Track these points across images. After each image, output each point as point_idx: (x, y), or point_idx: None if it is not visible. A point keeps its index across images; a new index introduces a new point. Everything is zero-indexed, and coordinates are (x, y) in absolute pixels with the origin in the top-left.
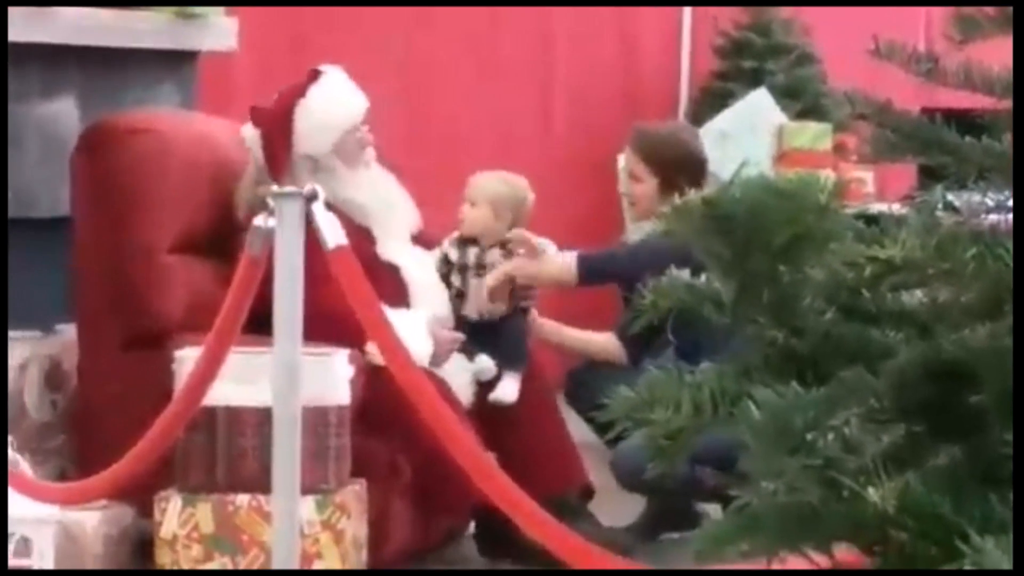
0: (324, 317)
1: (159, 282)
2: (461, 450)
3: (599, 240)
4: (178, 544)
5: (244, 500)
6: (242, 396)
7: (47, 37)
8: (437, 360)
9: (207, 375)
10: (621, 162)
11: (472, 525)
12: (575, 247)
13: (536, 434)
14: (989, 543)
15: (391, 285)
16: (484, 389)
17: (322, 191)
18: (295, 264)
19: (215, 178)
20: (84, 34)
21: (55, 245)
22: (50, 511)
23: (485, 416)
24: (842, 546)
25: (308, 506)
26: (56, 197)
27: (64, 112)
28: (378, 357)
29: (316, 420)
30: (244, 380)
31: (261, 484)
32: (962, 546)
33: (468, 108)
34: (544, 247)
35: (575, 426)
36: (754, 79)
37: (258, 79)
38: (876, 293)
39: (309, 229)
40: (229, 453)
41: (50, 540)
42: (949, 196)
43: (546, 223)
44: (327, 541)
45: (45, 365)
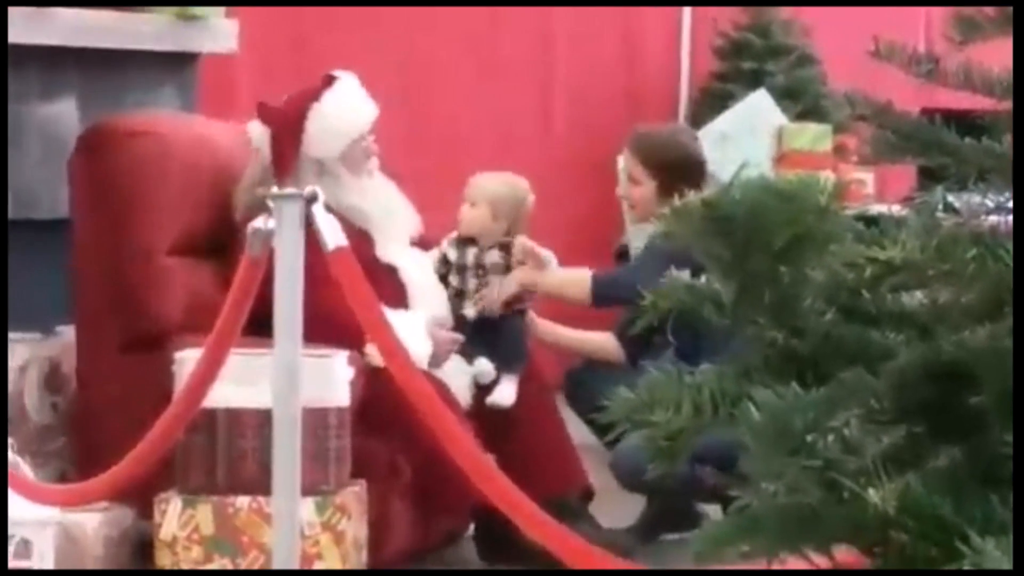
0: (324, 318)
1: (159, 284)
2: (461, 451)
3: (599, 240)
4: (178, 546)
5: (244, 502)
6: (242, 398)
7: (47, 39)
8: (436, 361)
9: (207, 377)
10: (620, 164)
11: (472, 526)
12: (575, 247)
13: (535, 435)
14: (989, 544)
15: (390, 286)
16: (483, 391)
17: (322, 193)
18: (295, 266)
19: (215, 180)
20: (84, 35)
21: (55, 247)
22: (50, 513)
23: (484, 417)
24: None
25: (308, 507)
26: (56, 199)
27: (64, 114)
28: (378, 358)
29: (316, 421)
30: (244, 382)
31: (261, 485)
32: (962, 547)
33: (468, 108)
34: (548, 259)
35: (574, 427)
36: (754, 80)
37: (259, 81)
38: (876, 294)
39: (309, 231)
40: (229, 455)
41: (50, 542)
42: (949, 197)
43: (546, 223)
44: (327, 542)
45: (45, 367)
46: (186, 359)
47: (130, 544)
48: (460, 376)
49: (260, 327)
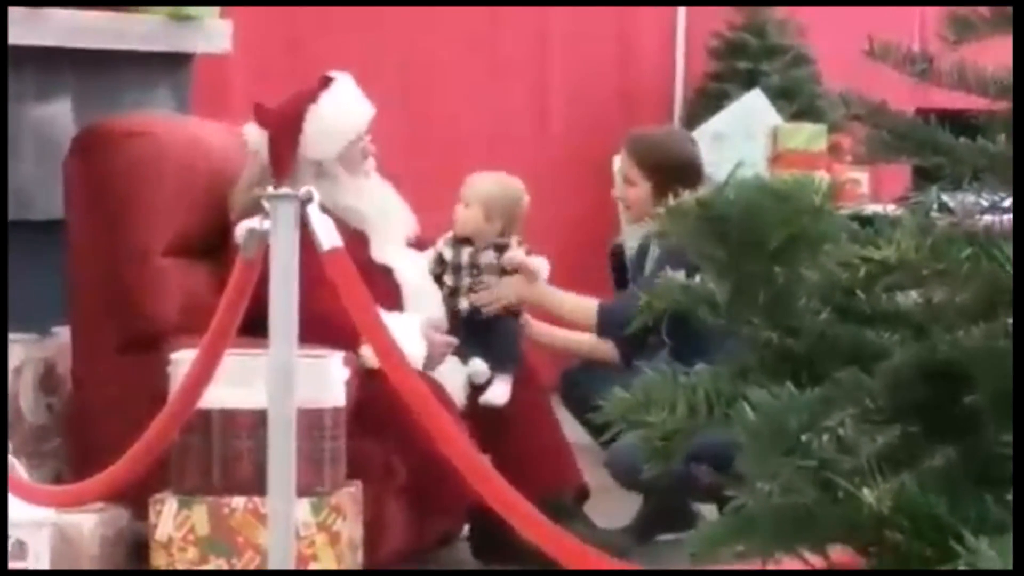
0: (319, 319)
1: (154, 285)
2: (456, 452)
3: (594, 240)
4: (174, 546)
5: (240, 502)
6: (237, 398)
7: (41, 40)
8: (431, 363)
9: (202, 378)
10: (616, 165)
11: (467, 527)
12: (571, 247)
13: (531, 435)
14: (984, 544)
15: (384, 287)
16: (478, 391)
17: (317, 194)
18: (290, 266)
19: (210, 181)
20: (78, 36)
21: (50, 248)
22: (46, 514)
23: (479, 418)
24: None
25: (303, 508)
26: (51, 200)
27: (59, 115)
28: (373, 360)
29: (311, 422)
30: (239, 382)
31: (256, 486)
32: (957, 547)
33: (464, 108)
34: (540, 269)
35: (569, 427)
36: (749, 80)
37: (253, 81)
38: (871, 294)
39: (304, 231)
40: (224, 455)
41: (46, 543)
42: (944, 197)
43: (542, 223)
44: (322, 543)
45: (40, 368)
46: (181, 360)
47: (126, 545)
48: (455, 376)
49: (255, 328)
